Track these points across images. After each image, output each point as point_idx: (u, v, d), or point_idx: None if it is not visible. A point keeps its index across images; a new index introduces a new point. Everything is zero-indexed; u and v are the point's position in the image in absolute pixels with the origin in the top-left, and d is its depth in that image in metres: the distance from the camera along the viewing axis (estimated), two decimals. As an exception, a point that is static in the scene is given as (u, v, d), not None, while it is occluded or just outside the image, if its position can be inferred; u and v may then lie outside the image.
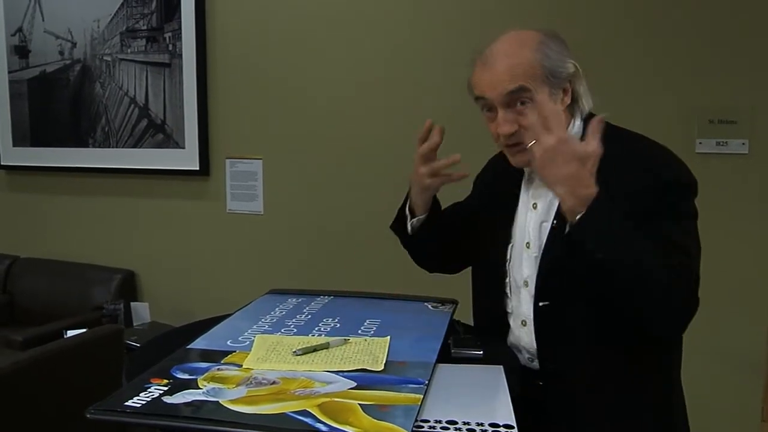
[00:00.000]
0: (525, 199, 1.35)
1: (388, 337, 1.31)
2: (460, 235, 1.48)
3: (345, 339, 1.29)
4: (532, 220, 1.31)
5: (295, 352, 1.22)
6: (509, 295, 1.35)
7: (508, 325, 1.35)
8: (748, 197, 2.40)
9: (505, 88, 1.21)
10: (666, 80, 2.47)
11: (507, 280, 1.35)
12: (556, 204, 1.24)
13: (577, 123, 1.28)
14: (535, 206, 1.32)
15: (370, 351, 1.23)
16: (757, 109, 2.37)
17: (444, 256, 1.55)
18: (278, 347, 1.25)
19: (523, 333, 1.32)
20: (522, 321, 1.32)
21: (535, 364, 1.31)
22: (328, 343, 1.26)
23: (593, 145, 1.09)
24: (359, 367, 1.14)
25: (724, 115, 2.41)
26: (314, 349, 1.23)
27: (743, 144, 2.40)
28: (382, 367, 1.15)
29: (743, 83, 2.38)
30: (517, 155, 1.28)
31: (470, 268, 1.52)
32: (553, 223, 1.26)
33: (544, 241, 1.27)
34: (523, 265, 1.31)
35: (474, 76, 1.28)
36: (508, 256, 1.35)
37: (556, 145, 1.09)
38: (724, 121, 2.41)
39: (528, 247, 1.31)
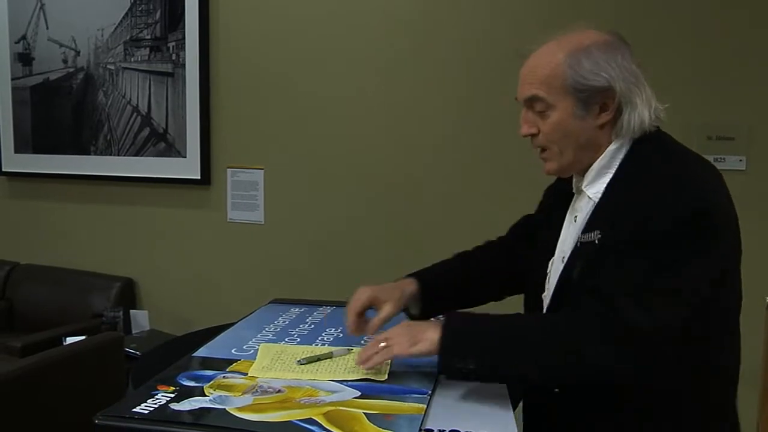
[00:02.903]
0: (571, 211, 1.29)
1: None
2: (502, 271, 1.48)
3: (348, 348, 1.30)
4: (571, 233, 1.24)
5: (298, 361, 1.23)
6: (545, 309, 1.27)
7: None
8: (744, 213, 2.40)
9: (523, 93, 1.20)
10: (665, 96, 2.48)
11: (544, 294, 1.28)
12: (590, 216, 1.19)
13: (613, 147, 1.19)
14: (575, 219, 1.25)
15: None
16: (755, 126, 2.40)
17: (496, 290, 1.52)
18: (282, 356, 1.27)
19: None
20: None
21: None
22: (332, 352, 1.27)
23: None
24: (363, 377, 1.16)
25: (722, 132, 2.43)
26: (318, 359, 1.25)
27: (741, 160, 2.43)
28: (386, 377, 1.17)
29: (741, 101, 2.41)
30: (544, 163, 1.25)
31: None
32: (578, 240, 1.18)
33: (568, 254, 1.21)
34: (557, 279, 1.24)
35: None
36: (549, 270, 1.29)
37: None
38: (722, 138, 2.44)
39: (563, 262, 1.23)
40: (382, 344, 1.16)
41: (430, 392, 1.12)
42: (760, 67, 2.38)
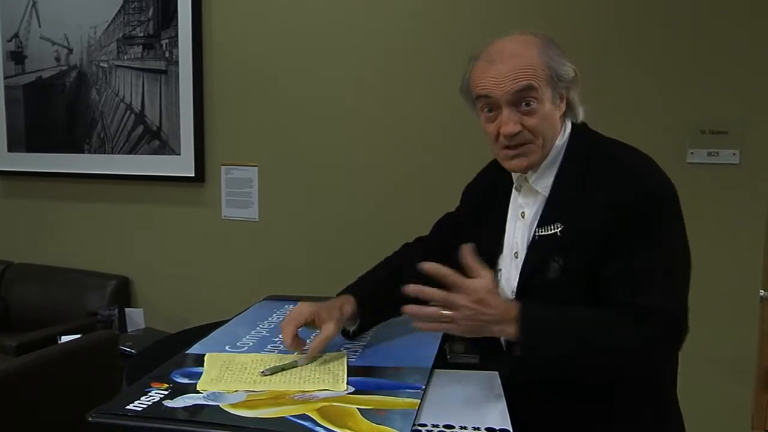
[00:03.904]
0: (514, 207, 1.32)
1: (345, 351, 1.30)
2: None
3: (312, 357, 1.25)
4: (520, 229, 1.28)
5: (262, 372, 1.18)
6: None
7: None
8: (737, 206, 2.43)
9: (513, 86, 1.18)
10: (659, 91, 2.50)
11: (498, 289, 1.28)
12: (540, 212, 1.24)
13: (558, 143, 1.25)
14: (523, 215, 1.29)
15: (329, 369, 1.20)
16: (748, 120, 2.41)
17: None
18: (231, 366, 1.21)
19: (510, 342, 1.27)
20: None
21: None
22: (296, 361, 1.22)
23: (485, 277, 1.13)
24: (321, 388, 1.11)
25: (715, 126, 2.44)
26: (282, 369, 1.19)
27: (734, 154, 2.43)
28: (345, 387, 1.12)
29: (735, 95, 2.41)
30: (514, 159, 1.24)
31: None
32: (534, 234, 1.23)
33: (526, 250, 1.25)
34: (511, 275, 1.28)
35: (475, 74, 1.24)
36: (499, 267, 1.32)
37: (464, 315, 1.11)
38: (716, 132, 2.44)
39: (516, 257, 1.28)
40: (446, 314, 1.11)
41: (423, 387, 1.12)
42: (754, 61, 2.38)
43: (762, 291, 2.43)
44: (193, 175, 3.29)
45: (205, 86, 3.24)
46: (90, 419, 0.99)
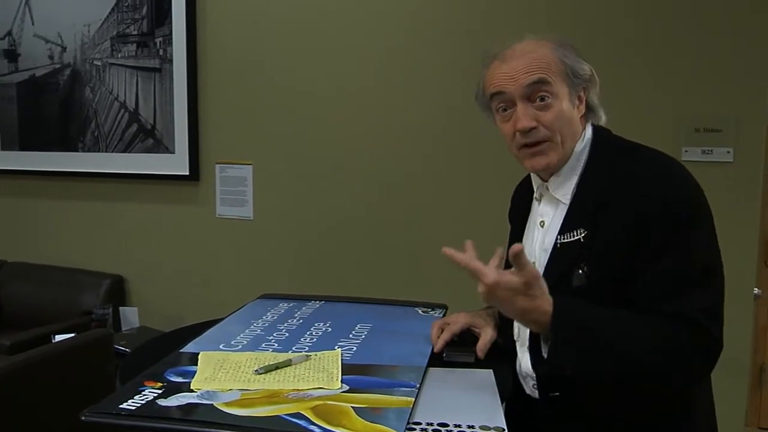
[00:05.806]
0: (534, 217, 1.30)
1: (339, 350, 1.30)
2: None
3: (307, 355, 1.25)
4: (539, 238, 1.25)
5: (256, 371, 1.17)
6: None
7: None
8: (732, 204, 2.43)
9: (526, 79, 1.17)
10: (653, 89, 2.50)
11: None
12: (560, 221, 1.21)
13: (578, 149, 1.22)
14: (542, 224, 1.26)
15: (323, 367, 1.20)
16: (742, 118, 2.41)
17: None
18: (225, 365, 1.21)
19: (525, 358, 1.24)
20: (527, 345, 1.24)
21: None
22: (290, 360, 1.22)
23: (521, 276, 1.05)
24: (316, 386, 1.11)
25: (709, 124, 2.44)
26: (276, 367, 1.19)
27: (728, 152, 2.44)
28: (339, 385, 1.11)
29: (729, 93, 2.42)
30: (534, 158, 1.21)
31: None
32: (556, 242, 1.19)
33: (545, 262, 1.21)
34: None
35: (489, 73, 1.24)
36: None
37: (489, 290, 1.06)
38: (710, 130, 2.45)
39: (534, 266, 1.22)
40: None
41: (418, 385, 1.12)
42: (748, 59, 2.39)
43: (756, 289, 2.44)
44: (187, 173, 3.28)
45: (199, 84, 3.23)
46: (83, 418, 0.98)
